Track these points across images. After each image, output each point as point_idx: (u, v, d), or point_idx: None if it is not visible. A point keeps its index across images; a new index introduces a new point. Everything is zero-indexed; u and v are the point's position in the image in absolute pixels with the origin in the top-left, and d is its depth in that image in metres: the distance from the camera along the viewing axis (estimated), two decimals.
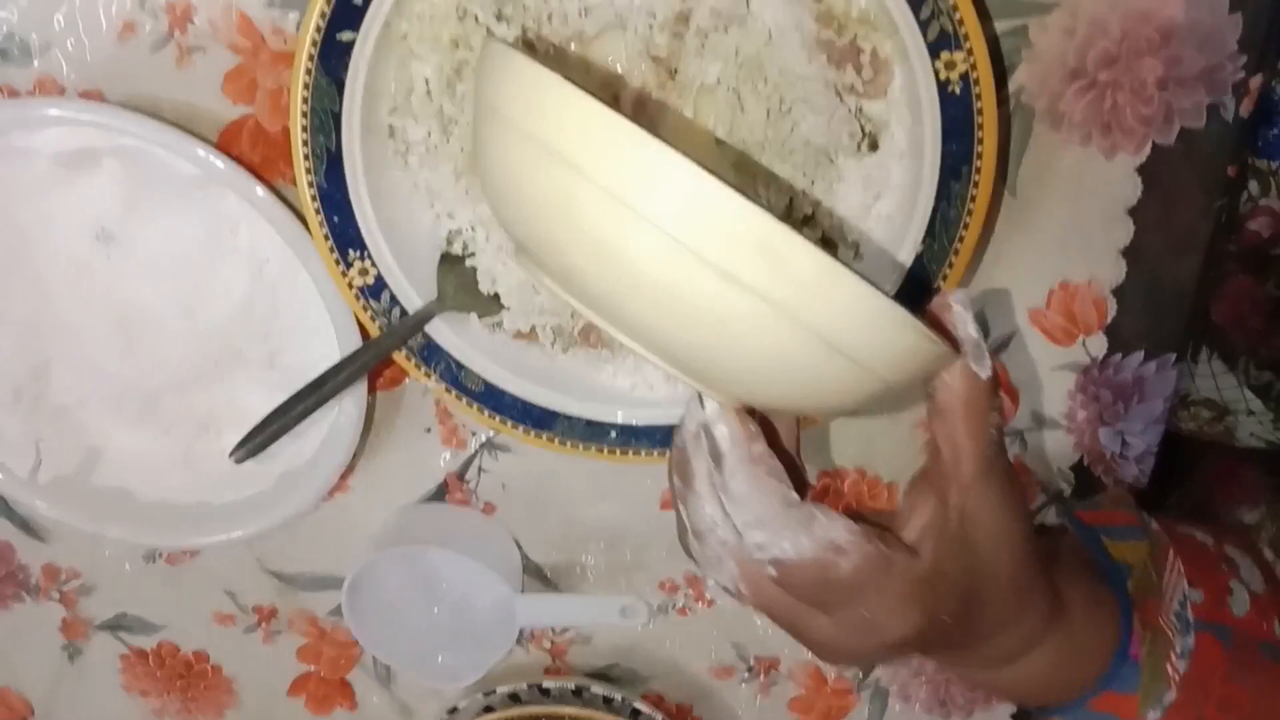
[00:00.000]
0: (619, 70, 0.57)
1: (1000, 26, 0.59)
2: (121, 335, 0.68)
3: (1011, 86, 0.61)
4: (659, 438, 0.64)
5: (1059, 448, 0.70)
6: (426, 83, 0.58)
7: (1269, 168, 0.71)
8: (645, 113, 0.58)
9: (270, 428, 0.55)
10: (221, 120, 0.63)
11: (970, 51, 0.53)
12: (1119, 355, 0.67)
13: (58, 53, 0.63)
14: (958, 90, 0.54)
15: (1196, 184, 0.63)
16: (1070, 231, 0.64)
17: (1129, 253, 0.64)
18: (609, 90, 0.57)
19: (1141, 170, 0.62)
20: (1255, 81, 0.60)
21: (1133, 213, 0.63)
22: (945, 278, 0.58)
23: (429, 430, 0.72)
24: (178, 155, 0.60)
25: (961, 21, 0.52)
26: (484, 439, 0.72)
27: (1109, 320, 0.66)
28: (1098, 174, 0.62)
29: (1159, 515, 0.59)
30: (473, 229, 0.63)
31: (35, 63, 0.63)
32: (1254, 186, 0.73)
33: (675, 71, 0.57)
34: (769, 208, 0.38)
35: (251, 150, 0.64)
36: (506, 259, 0.62)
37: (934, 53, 0.53)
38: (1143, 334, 0.67)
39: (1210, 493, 0.86)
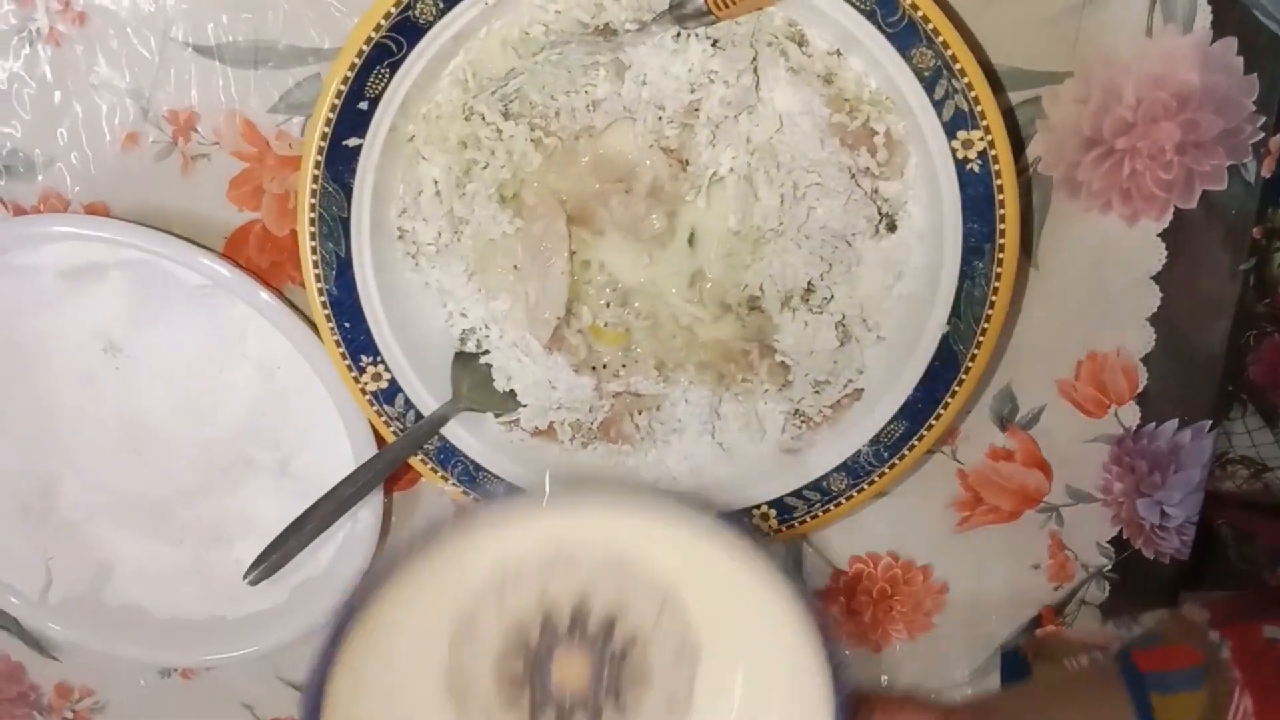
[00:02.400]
0: (630, 160, 0.57)
1: (1013, 98, 0.59)
2: (130, 447, 0.66)
3: (1028, 157, 0.60)
4: None
5: (1097, 521, 0.68)
6: (435, 184, 0.57)
7: None
8: (659, 203, 0.57)
9: (284, 545, 0.54)
10: (228, 226, 0.63)
11: (988, 129, 0.52)
12: (1153, 424, 0.65)
13: (61, 166, 0.62)
14: (976, 169, 0.53)
15: (1221, 247, 0.61)
16: (1095, 301, 0.63)
17: (1156, 320, 0.63)
18: (621, 184, 0.56)
19: (1164, 236, 0.61)
20: (1275, 141, 0.59)
21: (1158, 279, 0.62)
22: (974, 358, 0.57)
23: None
24: (183, 265, 0.60)
25: (977, 100, 0.51)
26: None
27: (1140, 389, 0.64)
28: (1120, 241, 0.61)
29: (1239, 625, 0.56)
30: (486, 326, 0.61)
31: (40, 177, 0.63)
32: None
33: (687, 163, 0.56)
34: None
35: (259, 255, 0.63)
36: (521, 355, 0.60)
37: (950, 132, 0.52)
38: (1176, 401, 0.65)
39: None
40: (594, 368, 0.61)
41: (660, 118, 0.55)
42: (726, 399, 0.62)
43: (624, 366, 0.61)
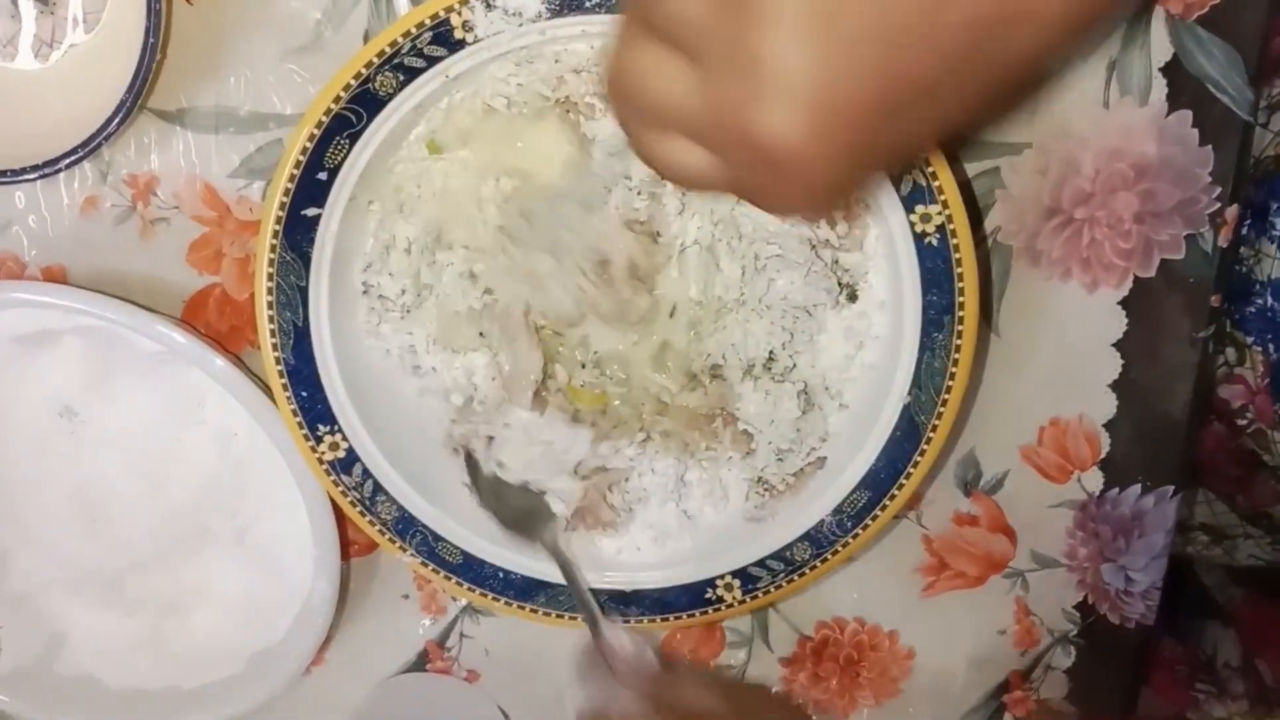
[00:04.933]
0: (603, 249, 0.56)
1: (972, 169, 0.59)
2: (84, 515, 0.65)
3: (987, 226, 0.60)
4: (648, 603, 0.61)
5: (1062, 587, 0.68)
6: (409, 241, 0.57)
7: (1246, 342, 0.71)
8: (637, 277, 0.56)
9: None
10: (187, 290, 0.62)
11: (945, 204, 0.52)
12: (1116, 490, 0.65)
13: (19, 229, 0.62)
14: (935, 242, 0.53)
15: (1180, 315, 0.62)
16: (1057, 368, 0.63)
17: (1118, 386, 0.63)
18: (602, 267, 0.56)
19: (1124, 303, 0.61)
20: (1231, 211, 0.60)
21: (1118, 346, 0.62)
22: (935, 429, 0.57)
23: (406, 597, 0.69)
24: (138, 333, 0.59)
25: (935, 175, 0.52)
26: (464, 604, 0.69)
27: (1103, 455, 0.65)
28: (1080, 309, 0.62)
29: None
30: (448, 393, 0.61)
31: None
32: (1231, 354, 0.73)
33: (658, 234, 0.56)
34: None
35: (218, 319, 0.63)
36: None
37: (909, 206, 0.53)
38: (1139, 467, 0.65)
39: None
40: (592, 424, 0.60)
41: (629, 188, 0.55)
42: (692, 466, 0.61)
43: (615, 428, 0.60)
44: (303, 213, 0.54)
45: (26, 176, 0.56)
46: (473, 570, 0.61)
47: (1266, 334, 0.69)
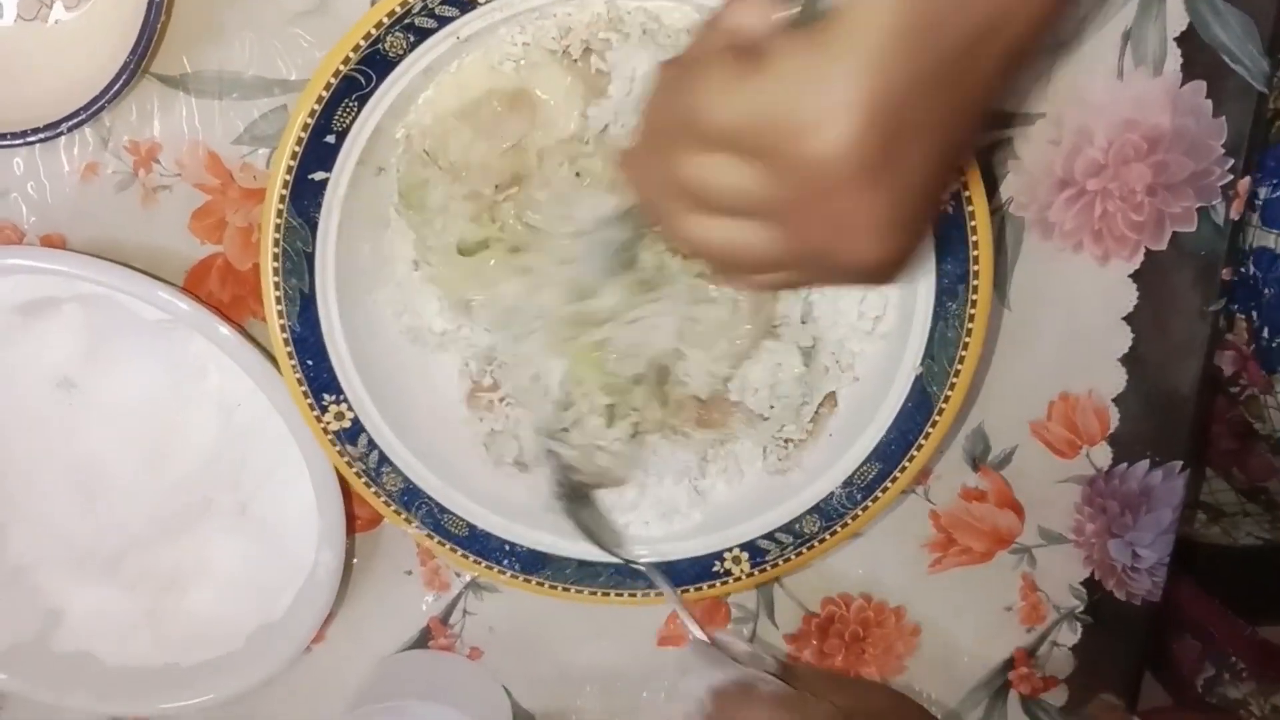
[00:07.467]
0: None
1: (986, 139, 0.59)
2: (83, 489, 0.64)
3: (1000, 197, 0.60)
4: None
5: (1069, 563, 0.68)
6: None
7: (1232, 309, 0.71)
8: None
9: None
10: (189, 259, 0.61)
11: (961, 170, 0.51)
12: (1124, 465, 0.65)
13: (17, 197, 0.61)
14: (949, 209, 0.52)
15: (1191, 288, 0.62)
16: (1067, 341, 0.63)
17: (1128, 360, 0.63)
18: None
19: (1135, 276, 0.61)
20: (1243, 184, 0.60)
21: (1129, 320, 0.62)
22: (947, 399, 0.56)
23: (410, 573, 0.68)
24: (141, 300, 0.58)
25: None
26: (468, 580, 0.68)
27: (1112, 430, 0.64)
28: (1091, 282, 0.61)
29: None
30: (467, 364, 0.60)
31: None
32: (1221, 321, 0.73)
33: None
34: None
35: (221, 289, 0.62)
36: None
37: None
38: (1147, 442, 0.65)
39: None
40: None
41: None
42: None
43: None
44: (310, 177, 0.53)
45: (25, 139, 0.55)
46: (479, 543, 0.60)
47: (1249, 301, 0.69)
